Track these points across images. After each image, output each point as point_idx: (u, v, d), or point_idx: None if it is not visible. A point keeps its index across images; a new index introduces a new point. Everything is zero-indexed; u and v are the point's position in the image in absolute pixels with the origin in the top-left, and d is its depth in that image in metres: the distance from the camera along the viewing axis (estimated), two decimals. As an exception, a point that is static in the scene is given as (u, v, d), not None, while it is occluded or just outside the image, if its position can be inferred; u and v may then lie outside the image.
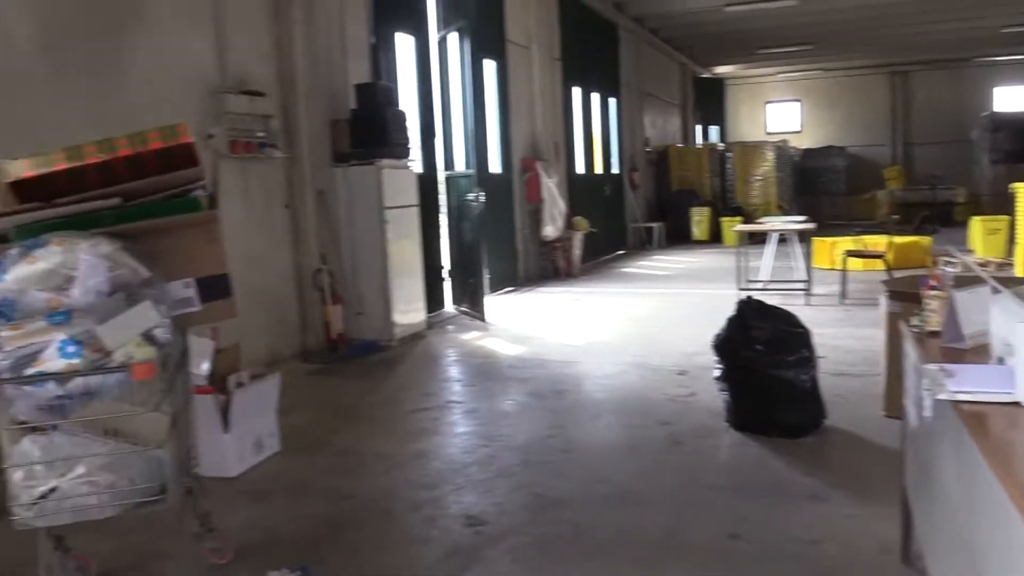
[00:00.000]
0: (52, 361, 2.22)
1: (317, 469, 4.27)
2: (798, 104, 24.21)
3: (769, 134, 22.46)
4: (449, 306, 8.80)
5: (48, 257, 2.20)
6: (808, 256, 9.04)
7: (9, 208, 2.44)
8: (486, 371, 6.33)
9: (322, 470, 4.25)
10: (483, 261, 8.32)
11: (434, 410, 5.29)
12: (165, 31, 5.82)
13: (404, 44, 8.32)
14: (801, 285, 8.70)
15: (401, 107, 7.57)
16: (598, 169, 14.87)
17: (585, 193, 13.46)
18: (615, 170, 15.75)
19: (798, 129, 23.81)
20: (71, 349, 2.21)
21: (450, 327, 8.14)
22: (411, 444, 4.60)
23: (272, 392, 4.36)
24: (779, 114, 24.35)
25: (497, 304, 9.15)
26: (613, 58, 15.34)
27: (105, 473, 2.34)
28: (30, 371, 2.23)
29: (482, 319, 8.14)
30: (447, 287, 8.81)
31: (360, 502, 3.82)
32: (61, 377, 2.24)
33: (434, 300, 8.26)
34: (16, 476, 2.30)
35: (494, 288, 9.78)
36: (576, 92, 13.42)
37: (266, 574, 3.12)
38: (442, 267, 8.70)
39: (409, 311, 7.35)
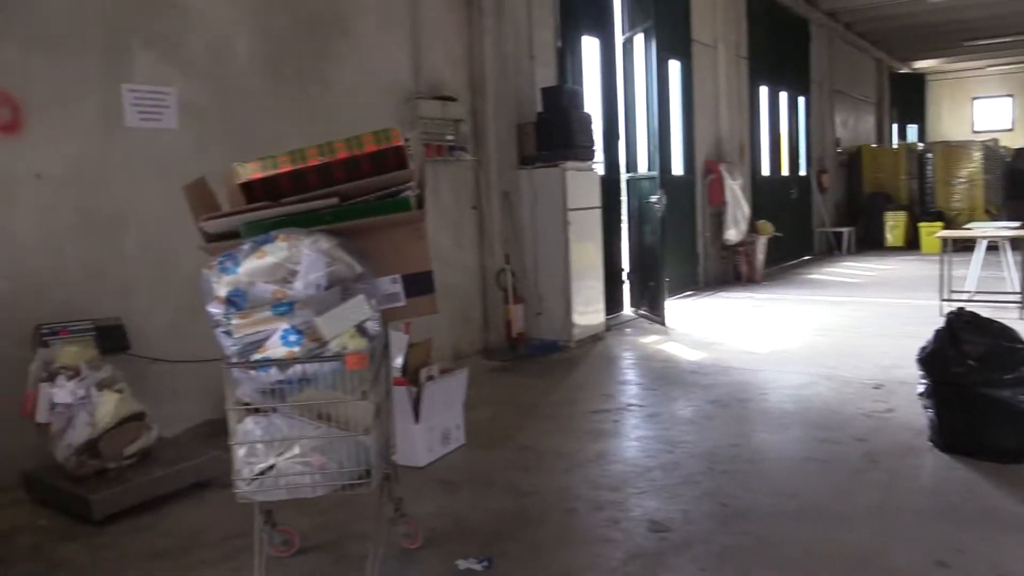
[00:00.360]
0: (275, 348, 2.41)
1: (500, 464, 4.37)
2: (1010, 100, 22.26)
3: (976, 133, 20.78)
4: (628, 309, 8.76)
5: (275, 252, 2.39)
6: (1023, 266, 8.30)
7: (239, 207, 2.65)
8: (666, 375, 6.25)
9: (505, 465, 4.35)
10: (663, 264, 8.23)
11: (613, 412, 5.28)
12: (367, 43, 6.16)
13: (590, 47, 8.37)
14: (1015, 297, 7.99)
15: (586, 110, 7.61)
16: (784, 171, 14.32)
17: (770, 196, 13.01)
18: (803, 172, 15.11)
19: (1009, 127, 21.88)
20: (292, 338, 2.39)
21: (628, 330, 8.10)
22: (591, 444, 4.62)
23: (460, 386, 4.51)
24: (988, 111, 22.49)
25: (676, 308, 9.01)
26: (803, 55, 14.72)
27: (317, 455, 2.51)
28: (256, 357, 2.43)
29: (661, 323, 8.05)
30: (626, 290, 8.78)
31: (542, 498, 3.88)
32: (282, 363, 2.43)
33: (613, 302, 8.25)
34: (239, 453, 2.51)
35: (673, 292, 9.64)
36: (763, 91, 13.00)
37: (455, 562, 3.24)
38: (622, 269, 8.68)
39: (588, 312, 7.39)
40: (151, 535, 3.66)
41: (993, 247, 8.94)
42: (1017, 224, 9.21)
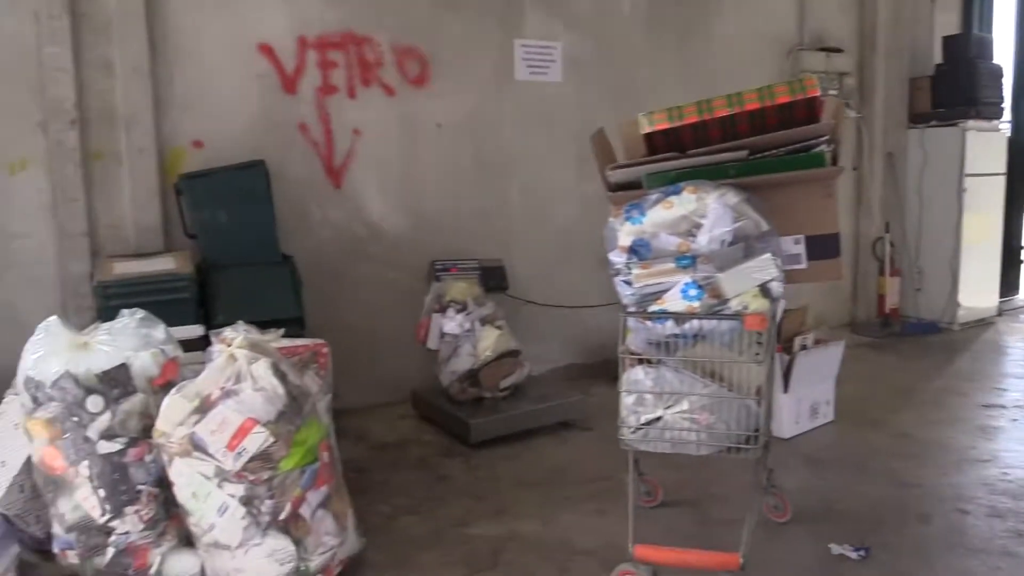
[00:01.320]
0: (674, 301, 2.38)
1: (874, 447, 4.03)
2: None
3: None
4: (1024, 293, 7.63)
5: (682, 204, 2.34)
6: None
7: (642, 158, 2.64)
8: (1076, 375, 5.34)
9: (880, 450, 3.99)
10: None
11: (1010, 410, 4.62)
12: (752, -9, 5.89)
13: (1005, -11, 7.27)
14: None
15: (996, 61, 6.64)
16: None
17: None
18: None
19: None
20: (693, 292, 2.34)
21: (1024, 317, 7.07)
22: (983, 442, 4.08)
23: (834, 359, 4.21)
24: None
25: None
26: None
27: (706, 413, 2.45)
28: (653, 308, 2.42)
29: (1068, 313, 6.90)
30: (1024, 271, 7.64)
31: (927, 493, 3.50)
32: (680, 317, 2.39)
33: (1008, 284, 7.21)
34: (627, 400, 2.53)
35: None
36: None
37: (827, 546, 3.04)
38: (1022, 247, 7.54)
39: (978, 293, 6.53)
40: (519, 464, 3.90)
41: None
42: None
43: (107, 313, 3.46)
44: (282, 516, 2.63)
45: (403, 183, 4.74)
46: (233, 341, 2.79)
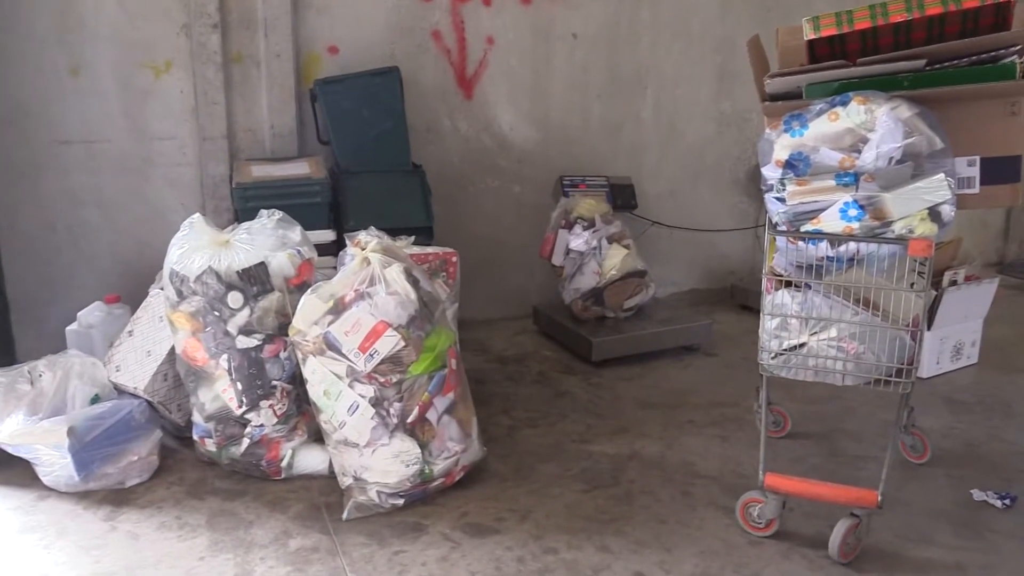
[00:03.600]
0: (831, 221, 2.22)
1: (1022, 393, 3.77)
2: None
3: None
4: None
5: (850, 116, 2.16)
6: None
7: (803, 66, 2.44)
8: None
9: (1028, 395, 3.74)
10: None
11: None
12: None
13: None
14: None
15: None
16: None
17: None
18: None
19: None
20: (853, 212, 2.17)
21: None
22: None
23: (985, 298, 3.92)
24: None
25: None
26: None
27: (855, 342, 2.31)
28: (806, 228, 2.27)
29: None
30: None
31: (1083, 446, 3.26)
32: (837, 239, 2.23)
33: None
34: (769, 325, 2.41)
35: None
36: None
37: (968, 491, 2.87)
38: None
39: None
40: (641, 385, 3.84)
41: None
42: None
43: (245, 215, 3.55)
44: (409, 419, 2.66)
45: (534, 95, 4.63)
46: (367, 245, 2.80)
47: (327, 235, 3.71)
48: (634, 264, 4.21)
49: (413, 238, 3.32)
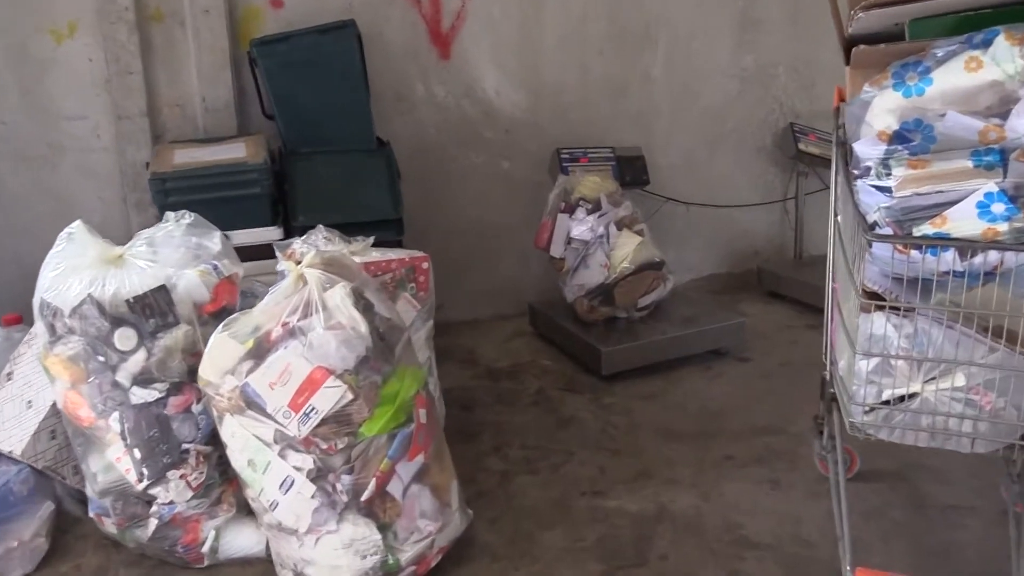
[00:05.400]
0: (964, 220, 1.49)
1: None
2: None
3: None
4: None
5: (997, 62, 1.43)
6: None
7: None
8: None
9: None
10: None
11: None
12: None
13: None
14: None
15: None
16: None
17: None
18: None
19: None
20: (999, 208, 1.46)
21: None
22: None
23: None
24: None
25: None
26: None
27: (991, 393, 1.60)
28: (922, 230, 1.55)
29: None
30: None
31: None
32: (974, 247, 1.51)
33: None
34: (861, 368, 1.69)
35: None
36: None
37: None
38: None
39: None
40: (662, 406, 3.15)
41: None
42: None
43: (167, 213, 2.84)
44: (364, 496, 1.97)
45: (522, 53, 3.87)
46: (303, 257, 2.08)
47: (271, 233, 3.00)
48: (649, 254, 3.49)
49: (372, 239, 2.61)
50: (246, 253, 2.86)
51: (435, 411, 2.18)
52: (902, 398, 1.66)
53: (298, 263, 2.06)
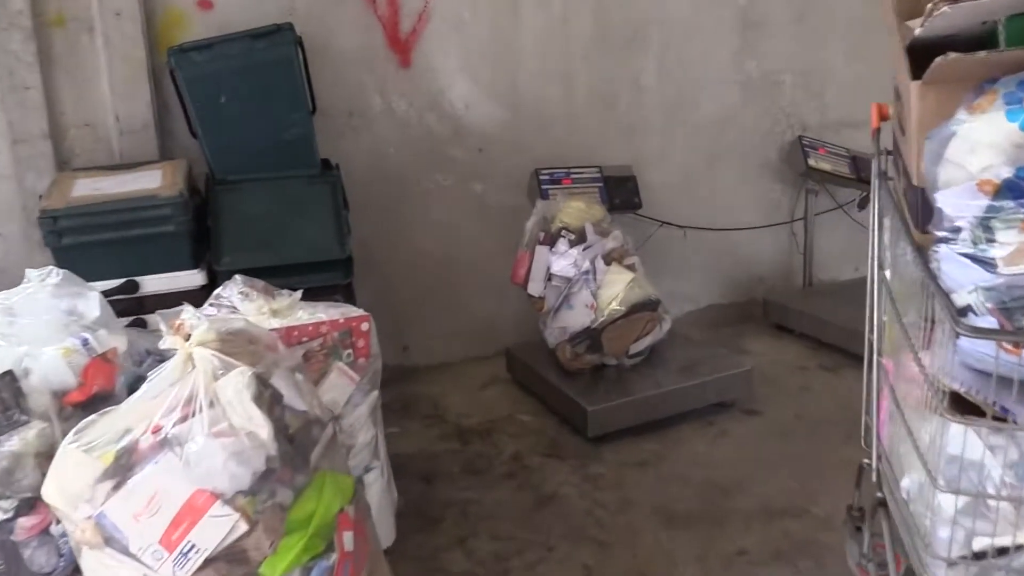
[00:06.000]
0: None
1: None
2: None
3: None
4: None
5: None
6: None
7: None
8: None
9: None
10: None
11: None
12: None
13: None
14: None
15: None
16: None
17: None
18: None
19: None
20: None
21: None
22: None
23: None
24: None
25: None
26: None
27: None
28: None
29: None
30: None
31: None
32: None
33: None
34: (944, 502, 1.21)
35: None
36: None
37: None
38: None
39: None
40: (660, 477, 2.67)
41: None
42: None
43: (62, 256, 2.37)
44: (267, 658, 1.47)
45: (496, 59, 3.38)
46: (193, 330, 1.59)
47: (191, 279, 2.53)
48: (643, 293, 3.02)
49: (299, 294, 2.12)
50: (160, 303, 2.40)
51: (369, 528, 1.69)
52: (1004, 549, 1.18)
53: (187, 338, 1.56)
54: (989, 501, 1.16)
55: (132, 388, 1.71)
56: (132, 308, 2.38)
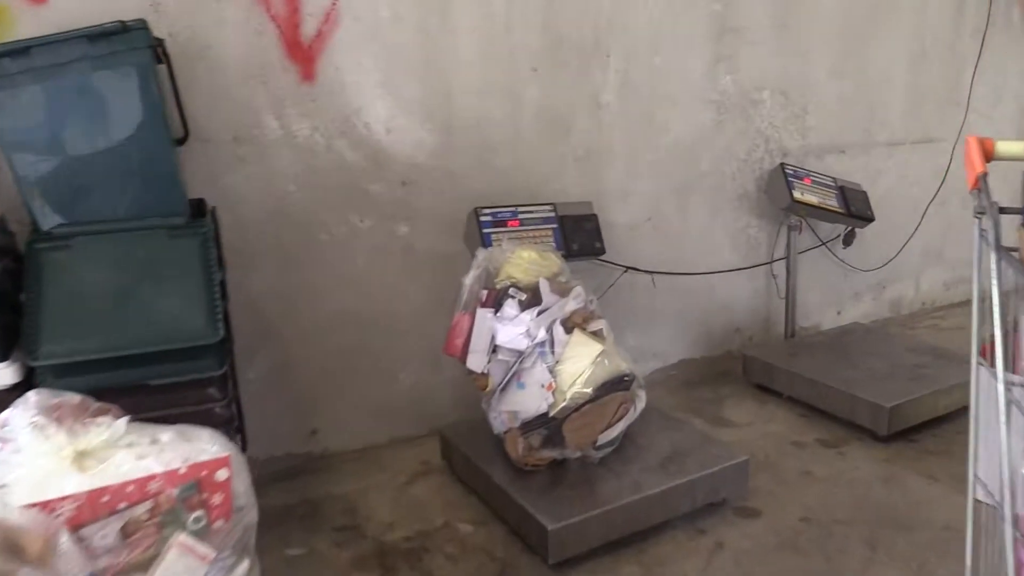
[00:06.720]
0: None
1: None
2: None
3: None
4: None
5: None
6: None
7: None
8: None
9: None
10: None
11: None
12: None
13: None
14: None
15: None
16: None
17: None
18: None
19: None
20: None
21: None
22: None
23: None
24: None
25: None
26: None
27: None
28: None
29: None
30: None
31: None
32: None
33: None
34: None
35: None
36: None
37: None
38: None
39: None
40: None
41: None
42: None
43: None
44: None
45: (425, 72, 2.72)
46: None
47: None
48: (614, 369, 2.37)
49: (127, 420, 1.42)
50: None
51: None
52: None
53: None
54: None
55: None
56: None
